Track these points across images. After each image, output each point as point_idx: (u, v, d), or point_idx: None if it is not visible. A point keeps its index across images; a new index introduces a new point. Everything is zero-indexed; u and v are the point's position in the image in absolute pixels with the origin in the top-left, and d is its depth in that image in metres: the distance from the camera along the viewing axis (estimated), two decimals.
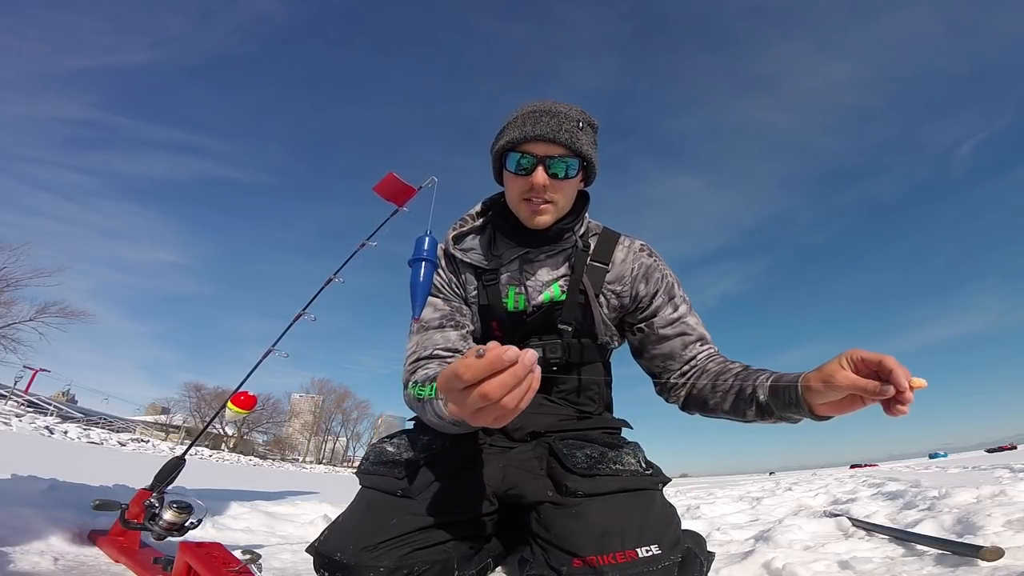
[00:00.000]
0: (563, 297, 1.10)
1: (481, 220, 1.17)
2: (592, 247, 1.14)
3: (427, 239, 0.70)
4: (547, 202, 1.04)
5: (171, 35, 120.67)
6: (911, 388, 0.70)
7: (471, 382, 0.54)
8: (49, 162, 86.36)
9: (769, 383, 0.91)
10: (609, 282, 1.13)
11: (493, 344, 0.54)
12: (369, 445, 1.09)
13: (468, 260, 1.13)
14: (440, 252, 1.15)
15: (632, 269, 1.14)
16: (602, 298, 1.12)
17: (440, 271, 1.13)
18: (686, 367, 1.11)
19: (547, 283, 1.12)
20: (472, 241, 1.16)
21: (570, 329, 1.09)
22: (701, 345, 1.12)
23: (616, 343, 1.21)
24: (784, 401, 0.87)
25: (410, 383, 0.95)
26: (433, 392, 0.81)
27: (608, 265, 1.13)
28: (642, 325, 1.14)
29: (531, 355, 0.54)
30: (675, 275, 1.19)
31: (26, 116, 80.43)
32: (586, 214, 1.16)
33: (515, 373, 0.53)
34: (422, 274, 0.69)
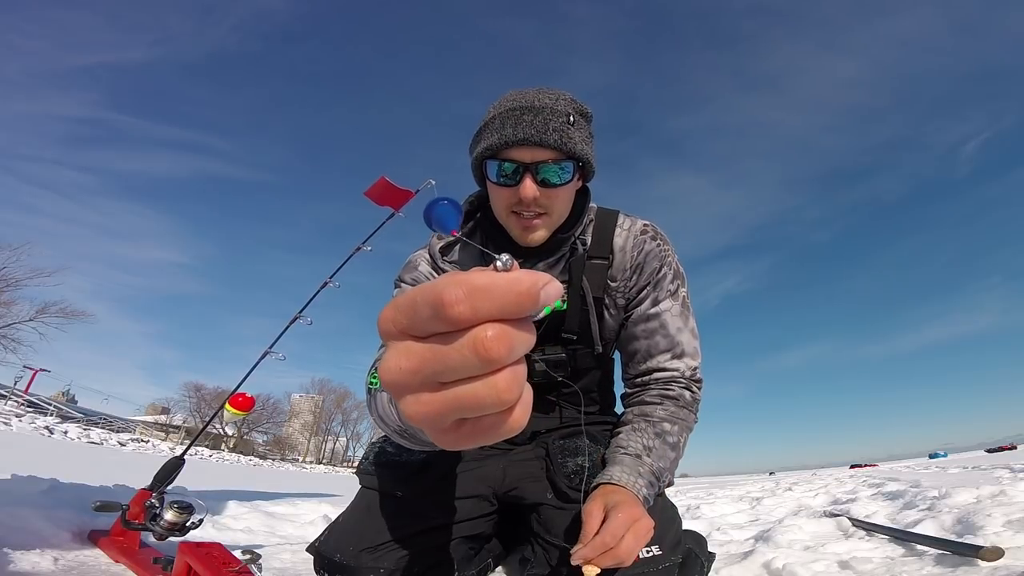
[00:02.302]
0: (564, 307, 0.99)
1: (470, 224, 1.03)
2: (589, 241, 1.00)
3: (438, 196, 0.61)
4: (539, 215, 0.88)
5: (172, 32, 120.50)
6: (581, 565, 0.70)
7: (462, 319, 0.24)
8: (49, 160, 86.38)
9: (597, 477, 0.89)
10: (612, 279, 1.00)
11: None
12: (368, 445, 1.08)
13: None
14: (431, 253, 1.04)
15: (632, 257, 0.99)
16: (607, 299, 1.01)
17: (435, 271, 1.02)
18: (638, 380, 1.00)
19: None
20: (462, 249, 1.02)
21: (575, 338, 1.01)
22: (668, 359, 0.97)
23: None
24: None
25: (371, 370, 0.79)
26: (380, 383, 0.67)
27: (608, 258, 0.99)
28: (624, 319, 1.02)
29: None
30: (678, 264, 1.03)
31: (26, 114, 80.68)
32: (586, 216, 1.01)
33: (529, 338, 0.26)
34: (445, 206, 0.58)
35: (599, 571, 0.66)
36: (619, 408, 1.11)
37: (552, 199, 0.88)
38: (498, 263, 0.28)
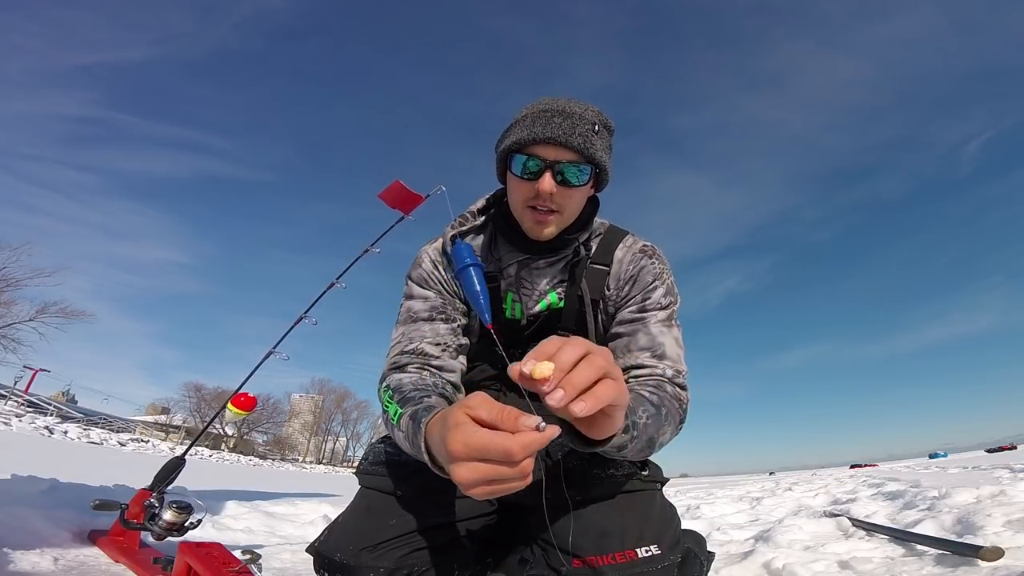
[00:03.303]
0: (561, 304, 1.04)
1: (483, 218, 1.09)
2: (594, 249, 1.06)
3: (462, 246, 0.64)
4: (552, 212, 0.94)
5: (173, 31, 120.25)
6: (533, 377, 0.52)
7: (522, 457, 0.50)
8: (49, 160, 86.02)
9: None
10: (607, 287, 1.05)
11: (540, 421, 0.50)
12: (368, 445, 1.09)
13: None
14: (439, 248, 1.09)
15: (627, 270, 1.05)
16: (601, 304, 1.05)
17: (437, 267, 1.07)
18: None
19: (544, 292, 1.06)
20: (471, 241, 1.07)
21: (569, 336, 1.04)
22: (648, 356, 0.95)
23: None
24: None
25: (383, 386, 0.90)
26: (397, 419, 0.81)
27: (608, 266, 1.06)
28: (610, 323, 1.06)
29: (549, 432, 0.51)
30: (673, 283, 1.06)
31: (26, 113, 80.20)
32: (594, 222, 1.06)
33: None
34: (476, 280, 0.61)
35: (552, 367, 0.52)
36: None
37: (566, 198, 0.94)
38: (539, 426, 0.50)
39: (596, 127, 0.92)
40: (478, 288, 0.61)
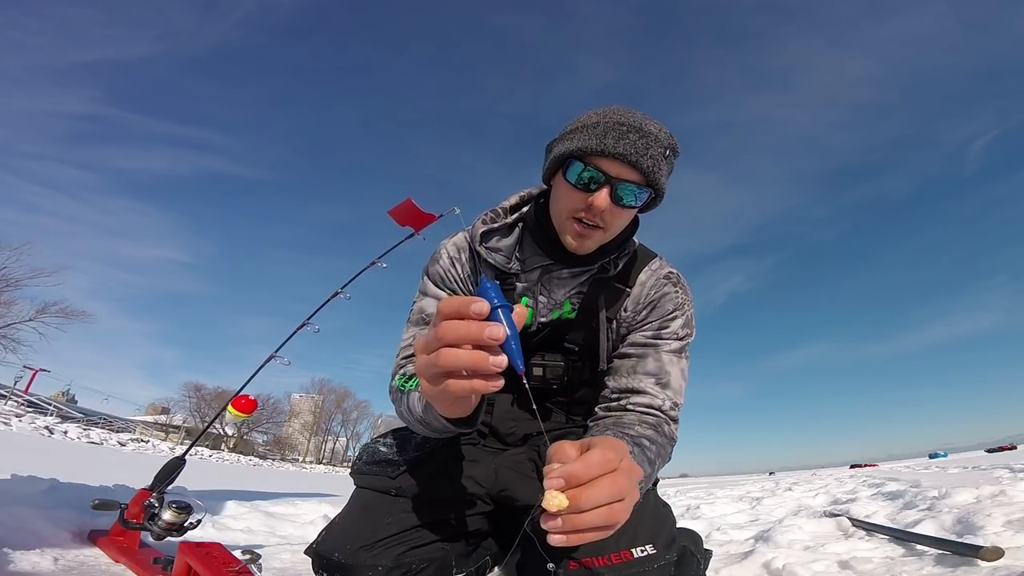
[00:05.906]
0: (572, 315, 1.02)
1: (514, 216, 1.04)
2: (619, 267, 1.02)
3: (489, 285, 0.59)
4: (598, 227, 0.90)
5: (175, 28, 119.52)
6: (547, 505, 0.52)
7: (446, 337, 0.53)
8: (49, 158, 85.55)
9: None
10: (624, 309, 1.02)
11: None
12: (362, 445, 1.09)
13: (490, 261, 1.01)
14: (460, 243, 1.07)
15: (647, 295, 1.02)
16: (615, 324, 1.02)
17: (455, 265, 1.05)
18: (614, 402, 0.95)
19: (559, 302, 1.03)
20: (499, 240, 1.03)
21: (576, 349, 1.02)
22: (652, 383, 0.94)
23: None
24: None
25: (397, 375, 0.92)
26: (415, 384, 0.84)
27: (630, 288, 1.03)
28: (620, 341, 1.04)
29: (481, 307, 0.53)
30: (692, 316, 1.04)
31: (26, 110, 79.77)
32: (629, 246, 1.02)
33: (466, 325, 0.53)
34: (506, 324, 0.58)
35: (565, 504, 0.51)
36: None
37: (616, 217, 0.90)
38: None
39: (667, 151, 0.88)
40: (509, 332, 0.58)
